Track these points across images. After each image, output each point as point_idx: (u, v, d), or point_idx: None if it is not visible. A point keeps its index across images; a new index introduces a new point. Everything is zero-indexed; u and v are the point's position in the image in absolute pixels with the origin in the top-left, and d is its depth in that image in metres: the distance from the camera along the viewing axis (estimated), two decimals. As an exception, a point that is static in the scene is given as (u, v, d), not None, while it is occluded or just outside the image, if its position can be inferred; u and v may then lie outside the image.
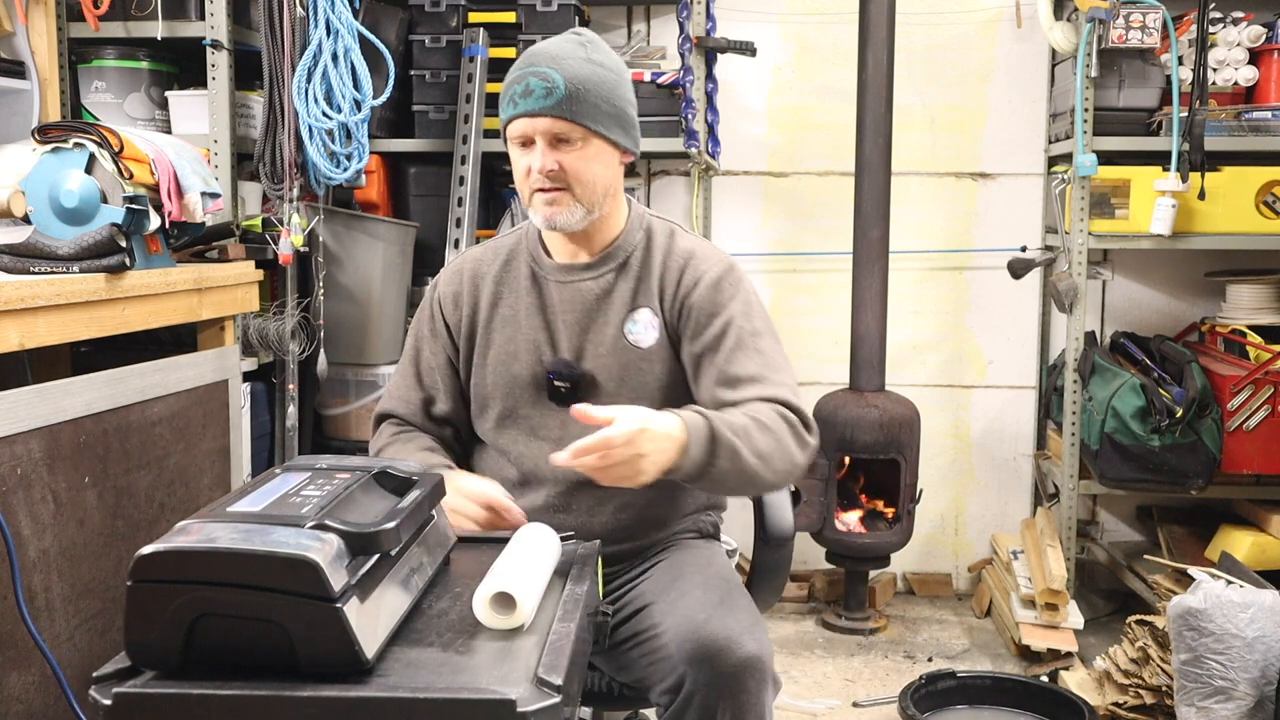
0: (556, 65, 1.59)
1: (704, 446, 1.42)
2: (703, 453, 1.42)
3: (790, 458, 1.54)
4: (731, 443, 1.44)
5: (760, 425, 1.50)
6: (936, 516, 3.77)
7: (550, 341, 1.71)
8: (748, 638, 1.44)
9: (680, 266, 1.69)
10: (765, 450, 1.49)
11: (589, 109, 1.60)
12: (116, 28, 2.93)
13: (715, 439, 1.43)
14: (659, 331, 1.68)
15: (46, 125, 2.16)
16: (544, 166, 1.60)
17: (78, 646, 1.84)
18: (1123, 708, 2.65)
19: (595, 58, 1.63)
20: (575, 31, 1.69)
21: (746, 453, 1.46)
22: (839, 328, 3.53)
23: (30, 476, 1.73)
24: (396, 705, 1.02)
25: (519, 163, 1.64)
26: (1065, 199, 3.33)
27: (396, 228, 3.17)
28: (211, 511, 1.16)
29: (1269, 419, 3.02)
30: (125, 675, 1.06)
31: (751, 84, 3.66)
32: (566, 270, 1.71)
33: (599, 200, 1.65)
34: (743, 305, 1.66)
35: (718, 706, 1.42)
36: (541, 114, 1.59)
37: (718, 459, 1.44)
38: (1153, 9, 3.10)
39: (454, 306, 1.78)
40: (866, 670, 3.11)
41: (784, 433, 1.53)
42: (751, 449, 1.47)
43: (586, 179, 1.62)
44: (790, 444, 1.54)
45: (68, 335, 1.93)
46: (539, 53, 1.63)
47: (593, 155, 1.62)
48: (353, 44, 2.83)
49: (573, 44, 1.64)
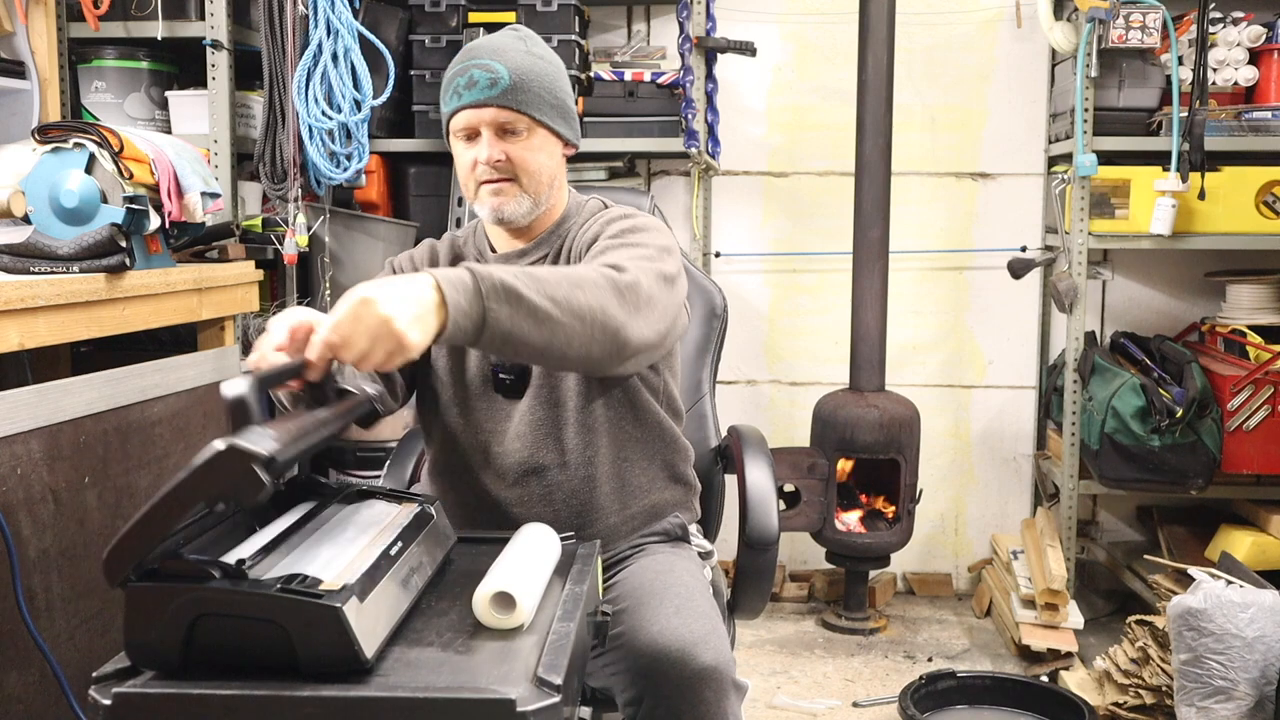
0: (498, 57, 1.60)
1: (468, 295, 1.24)
2: (469, 301, 1.24)
3: (606, 312, 1.35)
4: (506, 285, 1.26)
5: (563, 275, 1.33)
6: (936, 516, 3.77)
7: None
8: (703, 648, 1.41)
9: (589, 229, 1.67)
10: (561, 296, 1.30)
11: (534, 99, 1.61)
12: (116, 28, 2.93)
13: (479, 282, 1.25)
14: None
15: (46, 125, 2.16)
16: (491, 157, 1.60)
17: (78, 646, 1.84)
18: (1123, 708, 2.65)
19: (535, 50, 1.65)
20: (513, 28, 1.71)
21: (534, 296, 1.28)
22: (839, 328, 3.53)
23: (30, 476, 1.73)
24: (396, 705, 1.02)
25: (463, 156, 1.64)
26: (1065, 199, 3.33)
27: (396, 228, 3.17)
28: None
29: (1269, 419, 3.02)
30: (125, 675, 1.06)
31: (751, 84, 3.66)
32: (505, 260, 1.71)
33: (545, 191, 1.66)
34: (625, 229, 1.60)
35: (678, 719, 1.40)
36: (487, 104, 1.59)
37: (492, 304, 1.25)
38: (1153, 9, 3.10)
39: None
40: (866, 670, 3.11)
41: (600, 285, 1.36)
42: (542, 293, 1.28)
43: (533, 169, 1.63)
44: (608, 297, 1.36)
45: (68, 335, 1.93)
46: (479, 47, 1.63)
47: (538, 145, 1.63)
48: (353, 44, 2.83)
49: (511, 38, 1.65)
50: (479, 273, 1.26)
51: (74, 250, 2.01)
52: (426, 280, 1.23)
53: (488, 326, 1.26)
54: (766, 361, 3.75)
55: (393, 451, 2.08)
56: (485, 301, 1.25)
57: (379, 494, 1.45)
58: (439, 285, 1.22)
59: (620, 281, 1.40)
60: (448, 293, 1.22)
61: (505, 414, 1.68)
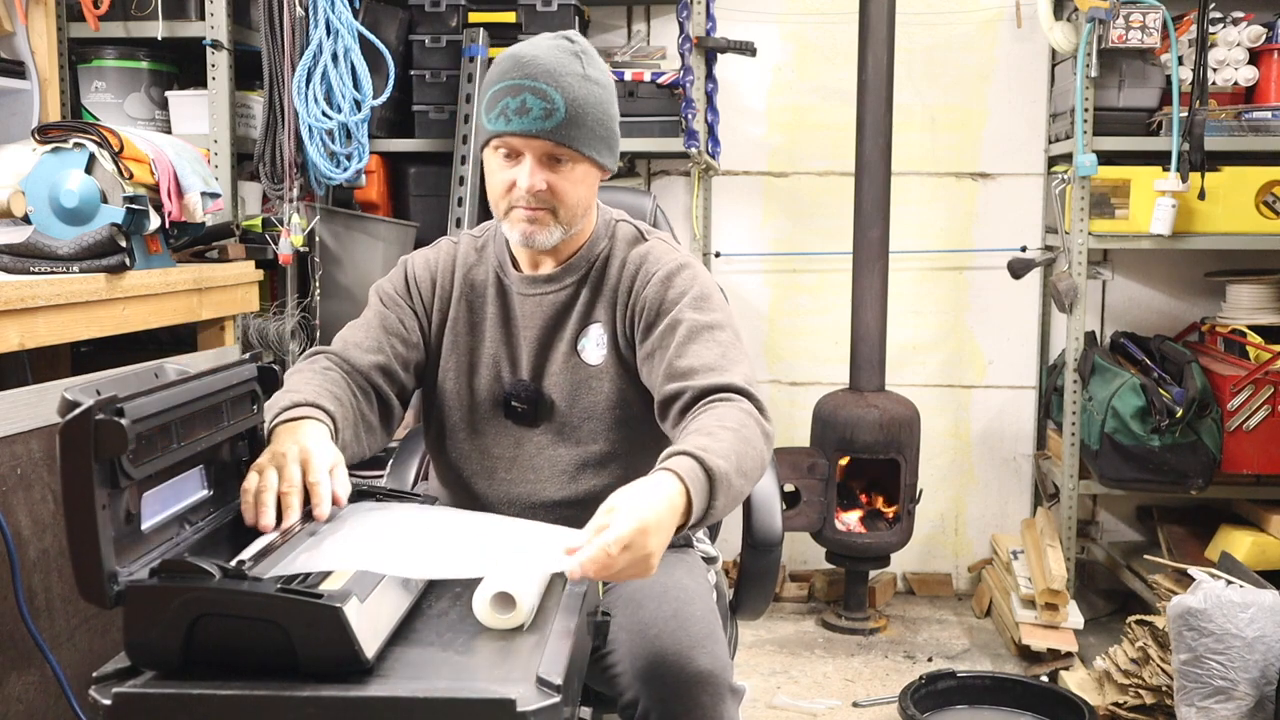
0: (555, 83, 1.51)
1: (704, 498, 1.28)
2: (703, 504, 1.28)
3: (762, 460, 1.42)
4: (725, 476, 1.30)
5: (739, 436, 1.37)
6: (936, 516, 3.77)
7: (510, 358, 1.65)
8: (699, 652, 1.41)
9: (633, 273, 1.63)
10: (749, 466, 1.37)
11: (586, 134, 1.54)
12: (116, 28, 2.93)
13: (712, 481, 1.29)
14: (607, 349, 1.62)
15: (46, 125, 2.16)
16: (533, 186, 1.54)
17: (78, 646, 1.83)
18: (1123, 708, 2.65)
19: (591, 74, 1.56)
20: (568, 38, 1.58)
21: (736, 478, 1.33)
22: (839, 328, 3.53)
23: (30, 476, 1.73)
24: (396, 705, 1.02)
25: (500, 175, 1.57)
26: (1065, 199, 3.33)
27: (396, 228, 3.17)
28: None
29: (1269, 419, 3.02)
30: (125, 675, 1.06)
31: (751, 84, 3.66)
32: (531, 282, 1.66)
33: (578, 220, 1.60)
34: (694, 300, 1.57)
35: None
36: (539, 136, 1.51)
37: (715, 501, 1.29)
38: (1153, 9, 3.10)
39: (431, 290, 1.70)
40: (866, 670, 3.11)
41: (755, 434, 1.41)
42: (739, 470, 1.34)
43: (571, 201, 1.57)
44: (760, 445, 1.42)
45: (68, 335, 1.93)
46: (534, 64, 1.52)
47: (580, 178, 1.57)
48: (353, 44, 2.83)
49: (568, 56, 1.55)
50: (715, 476, 1.28)
51: (74, 250, 2.01)
52: (678, 490, 1.25)
53: (705, 519, 1.30)
54: (767, 361, 3.75)
55: (395, 451, 2.07)
56: (713, 501, 1.29)
57: (379, 493, 1.45)
58: (688, 494, 1.25)
59: (759, 416, 1.45)
60: (695, 504, 1.26)
61: (514, 440, 1.65)
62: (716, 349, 1.52)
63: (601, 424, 1.62)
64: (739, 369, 1.50)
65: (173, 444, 1.18)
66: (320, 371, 1.56)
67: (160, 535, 1.18)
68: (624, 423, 1.62)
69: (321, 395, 1.47)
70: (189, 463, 1.24)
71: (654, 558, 1.19)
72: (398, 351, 1.65)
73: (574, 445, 1.63)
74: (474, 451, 1.67)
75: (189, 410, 1.20)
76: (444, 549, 1.28)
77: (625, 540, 1.16)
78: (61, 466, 1.03)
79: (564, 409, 1.63)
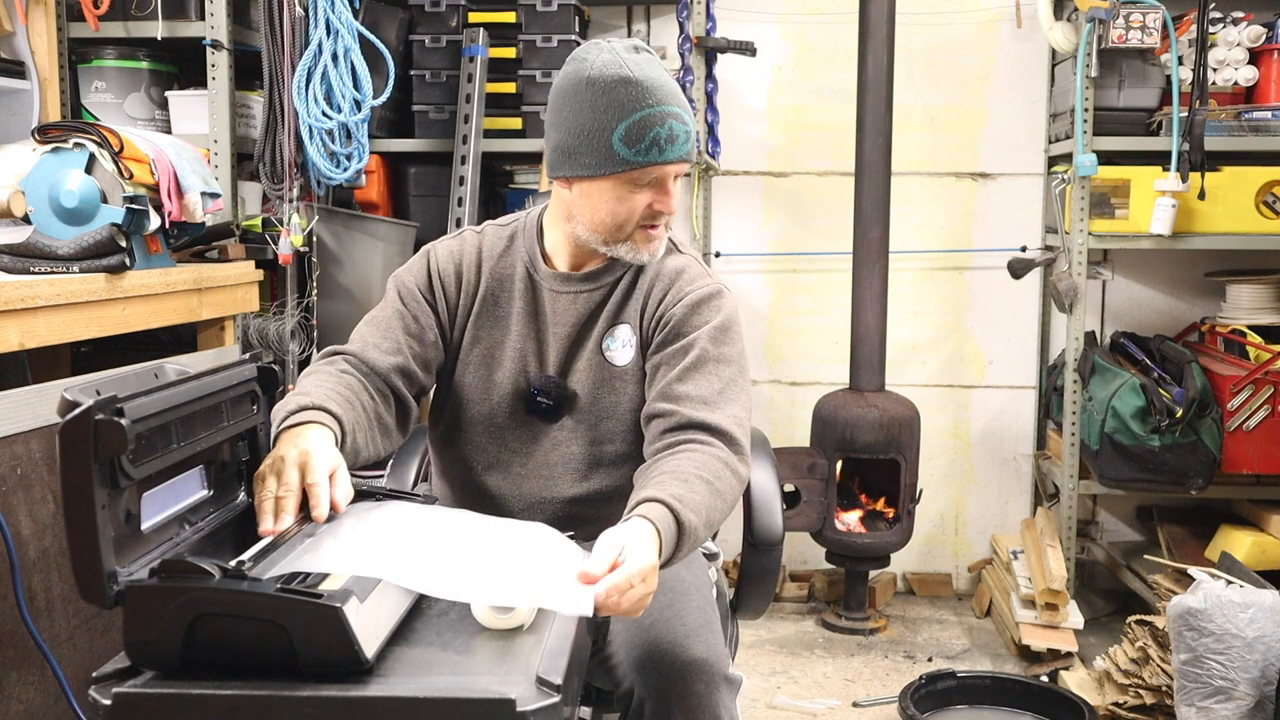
0: (681, 104, 1.54)
1: (670, 548, 1.33)
2: (669, 553, 1.33)
3: (729, 509, 1.47)
4: (694, 530, 1.36)
5: (712, 490, 1.42)
6: (936, 516, 3.77)
7: (538, 353, 1.65)
8: (693, 640, 1.42)
9: (667, 284, 1.64)
10: (715, 519, 1.43)
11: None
12: (116, 28, 2.93)
13: (680, 535, 1.34)
14: (635, 350, 1.63)
15: (46, 125, 2.16)
16: (673, 206, 1.58)
17: (78, 646, 1.83)
18: (1123, 708, 2.65)
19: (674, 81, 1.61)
20: (638, 48, 1.56)
21: (703, 531, 1.39)
22: (839, 328, 3.53)
23: (30, 476, 1.73)
24: (396, 705, 1.02)
25: (633, 199, 1.54)
26: (1065, 199, 3.33)
27: (396, 228, 3.17)
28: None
29: (1269, 419, 3.02)
30: (125, 675, 1.06)
31: (751, 84, 3.66)
32: (564, 280, 1.65)
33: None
34: (715, 330, 1.59)
35: (670, 713, 1.39)
36: (685, 160, 1.55)
37: (679, 552, 1.36)
38: (1153, 9, 3.10)
39: (455, 285, 1.68)
40: (866, 670, 3.11)
41: (728, 485, 1.45)
42: (707, 523, 1.39)
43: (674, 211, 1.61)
44: (731, 496, 1.47)
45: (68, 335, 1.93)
46: (661, 88, 1.53)
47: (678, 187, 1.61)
48: (353, 44, 2.83)
49: (660, 69, 1.55)
50: (684, 530, 1.34)
51: (74, 250, 2.01)
52: (655, 537, 1.30)
53: (661, 565, 1.33)
54: (767, 361, 3.75)
55: (395, 451, 2.07)
56: (676, 553, 1.35)
57: (379, 493, 1.45)
58: (660, 543, 1.30)
59: (737, 466, 1.48)
60: (663, 552, 1.31)
61: (531, 435, 1.65)
62: (717, 383, 1.55)
63: (620, 425, 1.63)
64: (731, 409, 1.53)
65: (173, 444, 1.18)
66: (336, 374, 1.55)
67: (160, 535, 1.18)
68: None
69: (330, 398, 1.46)
70: (189, 463, 1.24)
71: (650, 597, 1.26)
72: (416, 352, 1.64)
73: (590, 444, 1.63)
74: (489, 445, 1.67)
75: (189, 410, 1.20)
76: (450, 562, 1.25)
77: (643, 574, 1.23)
78: (61, 466, 1.03)
79: (585, 406, 1.63)
